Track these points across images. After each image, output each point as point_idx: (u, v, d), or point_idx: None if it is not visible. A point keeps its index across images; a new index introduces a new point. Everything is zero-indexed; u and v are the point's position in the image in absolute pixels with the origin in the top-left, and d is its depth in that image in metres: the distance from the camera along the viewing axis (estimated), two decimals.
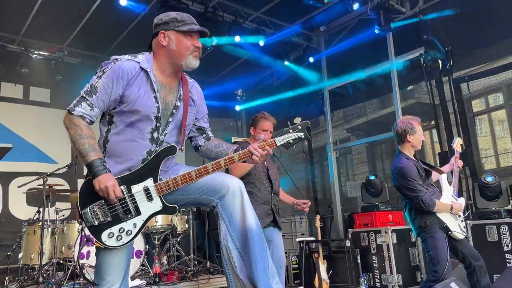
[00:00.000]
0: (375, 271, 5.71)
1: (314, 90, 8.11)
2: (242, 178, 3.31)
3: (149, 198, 2.10)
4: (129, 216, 2.07)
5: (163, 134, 2.18)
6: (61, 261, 4.86)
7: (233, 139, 6.06)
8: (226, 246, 2.12)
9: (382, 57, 6.83)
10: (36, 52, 7.20)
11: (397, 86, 6.59)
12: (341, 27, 7.49)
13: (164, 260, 5.21)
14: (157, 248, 4.99)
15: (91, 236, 2.04)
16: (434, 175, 3.78)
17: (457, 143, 3.93)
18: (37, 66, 7.23)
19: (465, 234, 3.50)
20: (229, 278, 2.14)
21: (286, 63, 7.71)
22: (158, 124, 2.16)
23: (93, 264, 4.19)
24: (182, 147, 2.26)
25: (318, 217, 5.93)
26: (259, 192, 3.45)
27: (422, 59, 6.47)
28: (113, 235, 2.04)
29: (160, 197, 2.12)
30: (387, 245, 5.60)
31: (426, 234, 3.43)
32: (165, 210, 2.13)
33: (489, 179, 5.14)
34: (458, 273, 3.72)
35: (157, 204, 2.11)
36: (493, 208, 5.09)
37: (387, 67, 6.77)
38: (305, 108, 8.64)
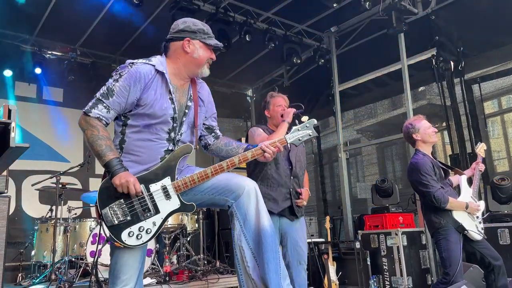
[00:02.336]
0: (385, 273, 5.68)
1: (324, 90, 8.11)
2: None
3: (167, 196, 2.14)
4: (148, 214, 2.10)
5: (179, 134, 2.25)
6: (73, 259, 4.92)
7: (243, 140, 6.08)
8: (239, 246, 2.14)
9: (394, 58, 6.79)
10: (49, 52, 7.28)
11: (408, 87, 6.55)
12: (352, 27, 7.47)
13: (174, 259, 5.24)
14: (167, 247, 5.02)
15: (112, 235, 2.05)
16: (455, 179, 3.75)
17: (481, 148, 3.90)
18: (50, 66, 7.32)
19: (482, 236, 3.46)
20: (241, 278, 2.16)
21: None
22: (175, 125, 2.23)
23: (105, 262, 4.24)
24: (197, 146, 2.34)
25: (327, 218, 5.92)
26: (275, 173, 3.35)
27: (433, 60, 6.43)
28: (133, 234, 2.06)
29: (177, 195, 2.15)
30: (397, 247, 5.57)
31: (440, 235, 3.40)
32: (183, 208, 2.16)
33: (502, 181, 5.10)
34: (470, 277, 3.69)
35: (175, 202, 2.15)
36: (505, 211, 5.05)
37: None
38: (315, 109, 8.63)
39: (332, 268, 5.63)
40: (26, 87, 7.34)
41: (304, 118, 2.33)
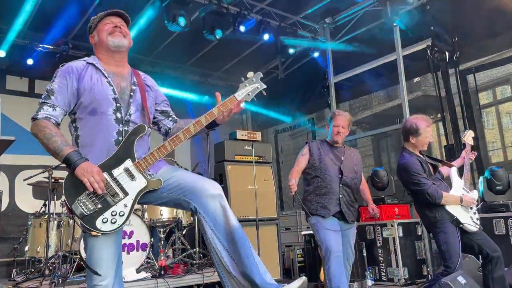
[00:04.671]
0: (381, 264, 5.70)
1: (319, 82, 8.08)
2: (309, 168, 3.85)
3: (132, 177, 2.15)
4: (118, 198, 2.11)
5: (127, 114, 2.26)
6: (67, 254, 4.88)
7: (239, 132, 6.04)
8: (214, 248, 2.15)
9: (389, 49, 6.76)
10: (41, 45, 7.19)
11: (403, 78, 6.53)
12: (347, 18, 7.42)
13: (170, 253, 5.21)
14: (162, 241, 4.99)
15: (87, 226, 2.05)
16: (445, 170, 3.73)
17: (468, 136, 3.85)
18: (42, 59, 7.22)
19: (478, 227, 3.44)
20: (223, 279, 2.17)
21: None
22: (118, 105, 2.24)
23: None
24: (150, 125, 2.35)
25: None
26: (323, 182, 3.75)
27: (428, 51, 6.40)
28: (107, 220, 2.06)
29: (142, 173, 2.16)
30: (393, 238, 5.57)
31: (437, 229, 3.38)
32: (150, 184, 2.18)
33: (498, 174, 5.09)
34: (465, 267, 3.69)
35: (141, 181, 2.16)
36: (501, 202, 5.05)
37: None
38: (310, 101, 8.60)
39: None
40: (18, 80, 7.25)
41: (250, 74, 2.35)
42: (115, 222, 2.07)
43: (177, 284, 4.38)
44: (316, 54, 7.76)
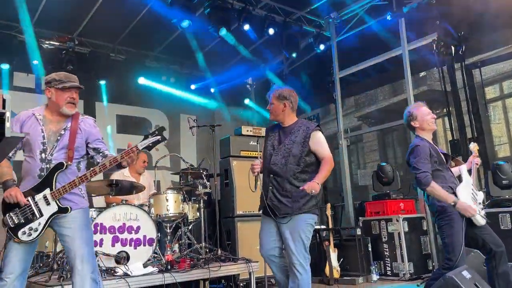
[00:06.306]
0: (386, 259, 5.71)
1: (325, 77, 8.06)
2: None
3: (47, 203, 2.80)
4: (35, 217, 2.79)
5: (50, 154, 2.85)
6: None
7: (244, 128, 6.05)
8: None
9: (394, 43, 6.73)
10: (47, 42, 7.22)
11: (409, 72, 6.49)
12: (352, 13, 7.39)
13: (176, 248, 5.23)
14: (168, 236, 5.02)
15: (12, 234, 2.75)
16: (455, 169, 3.72)
17: (473, 148, 3.86)
18: (48, 56, 7.26)
19: (486, 220, 3.43)
20: None
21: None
22: (45, 147, 2.86)
23: (106, 251, 4.26)
24: (69, 163, 2.86)
25: (328, 205, 5.93)
26: (263, 177, 3.38)
27: (434, 45, 6.37)
28: (25, 233, 2.77)
29: (55, 201, 2.80)
30: (398, 233, 5.59)
31: (443, 220, 3.34)
32: (60, 210, 2.82)
33: (504, 169, 5.08)
34: (471, 262, 3.69)
35: (54, 207, 2.81)
36: (507, 196, 5.04)
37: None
38: (316, 96, 8.59)
39: (333, 254, 5.65)
40: (24, 77, 7.29)
41: (156, 127, 2.76)
42: (30, 235, 2.76)
43: (183, 279, 4.41)
44: (321, 48, 7.73)
